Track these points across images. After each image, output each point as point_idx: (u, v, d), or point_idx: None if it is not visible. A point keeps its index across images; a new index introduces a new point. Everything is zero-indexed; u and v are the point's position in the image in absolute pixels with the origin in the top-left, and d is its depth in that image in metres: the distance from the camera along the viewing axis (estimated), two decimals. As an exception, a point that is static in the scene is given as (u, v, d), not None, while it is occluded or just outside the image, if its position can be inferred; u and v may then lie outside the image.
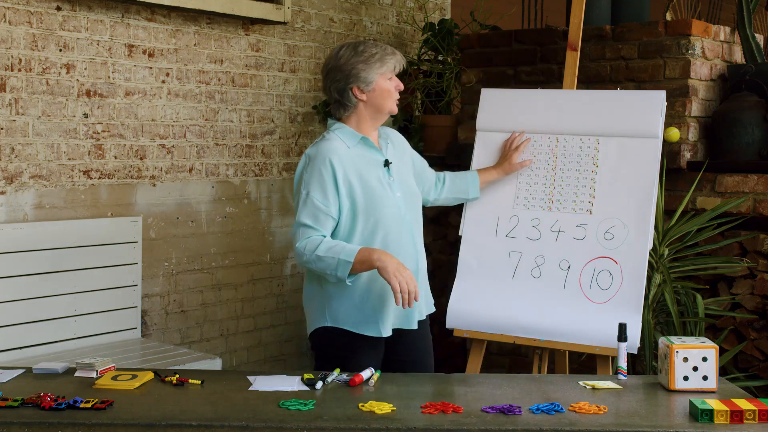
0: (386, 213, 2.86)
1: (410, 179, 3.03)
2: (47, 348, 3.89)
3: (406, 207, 2.94)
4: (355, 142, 2.89)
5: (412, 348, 2.98)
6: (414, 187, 3.04)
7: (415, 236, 2.96)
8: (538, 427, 2.15)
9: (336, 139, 2.88)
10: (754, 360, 3.89)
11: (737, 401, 2.26)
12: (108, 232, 4.11)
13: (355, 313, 2.84)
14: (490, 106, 3.67)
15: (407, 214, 2.93)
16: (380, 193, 2.86)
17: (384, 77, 2.88)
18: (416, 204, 3.02)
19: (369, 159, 2.90)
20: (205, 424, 2.14)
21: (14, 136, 3.83)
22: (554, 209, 3.45)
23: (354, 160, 2.86)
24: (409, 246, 2.92)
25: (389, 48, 2.93)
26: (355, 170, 2.84)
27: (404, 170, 3.02)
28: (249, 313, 4.85)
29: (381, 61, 2.87)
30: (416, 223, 2.99)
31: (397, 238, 2.88)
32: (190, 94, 4.47)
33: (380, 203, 2.85)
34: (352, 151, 2.87)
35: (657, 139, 3.38)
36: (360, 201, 2.82)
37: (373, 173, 2.88)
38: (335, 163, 2.81)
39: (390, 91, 2.90)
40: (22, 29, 3.83)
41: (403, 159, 3.04)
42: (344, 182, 2.82)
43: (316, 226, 2.79)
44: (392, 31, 5.56)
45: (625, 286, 3.26)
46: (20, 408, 2.25)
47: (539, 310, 3.33)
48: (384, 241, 2.85)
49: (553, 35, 4.48)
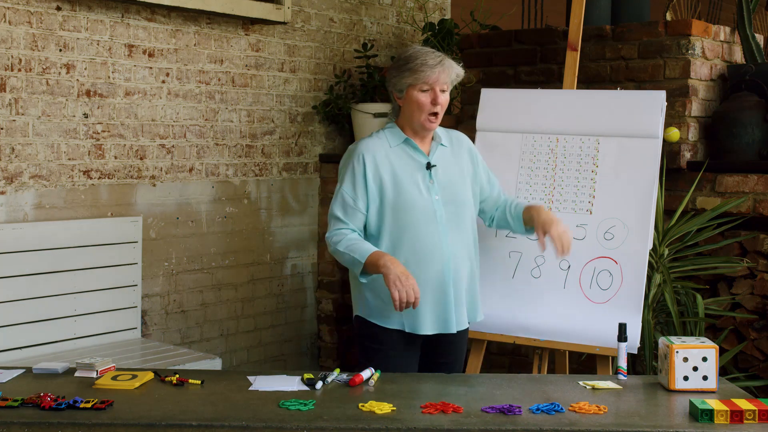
0: (416, 215, 2.83)
1: (461, 186, 2.95)
2: (47, 348, 3.89)
3: (446, 212, 2.88)
4: (399, 142, 2.89)
5: (448, 351, 2.97)
6: (463, 195, 2.94)
7: (451, 243, 2.87)
8: (538, 427, 2.15)
9: (380, 137, 2.91)
10: (754, 360, 3.89)
11: (737, 401, 2.26)
12: (108, 232, 4.11)
13: (383, 307, 2.86)
14: (490, 106, 3.67)
15: (444, 219, 2.87)
16: (412, 195, 2.84)
17: (415, 88, 2.82)
18: (460, 212, 2.92)
19: (410, 160, 2.88)
20: (205, 424, 2.14)
21: (14, 136, 3.83)
22: (554, 209, 3.45)
23: (392, 159, 2.86)
24: (438, 251, 2.85)
25: (435, 59, 2.82)
26: (390, 169, 2.85)
27: (455, 176, 2.95)
28: (249, 313, 4.85)
29: (413, 71, 2.82)
30: (457, 231, 2.90)
31: (426, 241, 2.84)
32: (190, 94, 4.47)
33: (411, 204, 2.83)
34: (393, 150, 2.88)
35: (657, 139, 3.38)
36: (389, 199, 2.84)
37: (411, 174, 2.86)
38: (368, 159, 2.85)
39: (419, 103, 2.82)
40: (22, 29, 3.83)
41: (459, 165, 2.97)
42: (375, 179, 2.84)
43: (345, 218, 2.86)
44: (392, 31, 5.56)
45: (625, 286, 3.26)
46: (20, 408, 2.25)
47: (539, 310, 3.33)
48: (411, 242, 2.83)
49: (553, 35, 4.48)
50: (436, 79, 2.81)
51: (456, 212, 2.90)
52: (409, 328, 2.86)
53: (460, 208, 2.92)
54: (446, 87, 2.85)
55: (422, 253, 2.83)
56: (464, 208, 2.94)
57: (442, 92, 2.83)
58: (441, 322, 2.89)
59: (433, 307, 2.86)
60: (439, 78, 2.81)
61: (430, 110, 2.83)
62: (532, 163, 3.54)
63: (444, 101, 2.84)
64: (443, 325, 2.89)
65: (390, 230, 2.85)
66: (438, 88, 2.82)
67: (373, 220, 2.86)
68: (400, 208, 2.83)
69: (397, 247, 2.84)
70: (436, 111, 2.83)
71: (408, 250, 2.84)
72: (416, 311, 2.83)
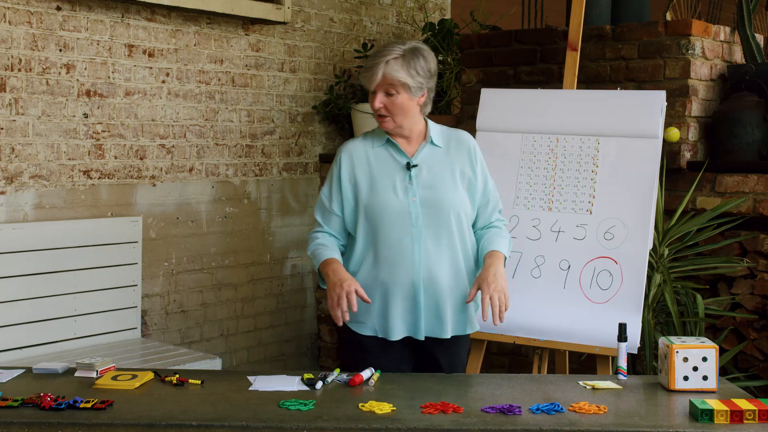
0: (389, 217, 2.76)
1: (446, 188, 2.79)
2: (47, 348, 3.89)
3: (423, 214, 2.76)
4: (381, 143, 2.84)
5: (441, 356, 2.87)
6: (447, 197, 2.78)
7: (426, 247, 2.75)
8: (538, 427, 2.15)
9: (366, 138, 2.88)
10: (754, 360, 3.89)
11: (737, 401, 2.26)
12: (108, 232, 4.11)
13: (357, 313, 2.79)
14: (490, 106, 3.67)
15: (422, 223, 2.75)
16: (386, 196, 2.77)
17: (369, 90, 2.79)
18: (442, 214, 2.77)
19: (390, 160, 2.81)
20: (205, 424, 2.14)
21: (14, 136, 3.83)
22: (554, 209, 3.45)
23: (372, 160, 2.82)
24: (409, 254, 2.75)
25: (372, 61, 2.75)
26: (367, 170, 2.81)
27: (441, 177, 2.81)
28: (249, 313, 4.85)
29: (361, 73, 2.81)
30: (436, 234, 2.76)
31: (397, 243, 2.75)
32: (190, 94, 4.47)
33: (383, 206, 2.76)
34: (375, 151, 2.83)
35: (657, 139, 3.38)
36: (363, 201, 2.79)
37: (389, 175, 2.79)
38: (344, 160, 2.83)
39: (370, 103, 2.79)
40: (22, 29, 3.83)
41: (451, 166, 2.83)
42: (350, 180, 2.81)
43: (322, 221, 2.87)
44: (392, 31, 5.56)
45: (625, 286, 3.26)
46: (20, 408, 2.25)
47: (539, 310, 3.33)
48: (384, 245, 2.76)
49: (553, 35, 4.48)
50: (371, 82, 2.74)
51: (436, 214, 2.77)
52: (381, 333, 2.80)
53: (441, 210, 2.77)
54: (392, 89, 2.73)
55: (392, 256, 2.75)
56: (446, 211, 2.78)
57: (388, 95, 2.73)
58: (410, 327, 2.79)
59: (402, 312, 2.77)
60: (371, 81, 2.73)
61: (376, 113, 2.77)
62: (532, 163, 3.54)
63: (387, 103, 2.73)
64: (412, 331, 2.79)
65: (364, 232, 2.80)
66: (379, 91, 2.74)
67: (350, 222, 2.83)
68: (373, 210, 2.77)
69: (370, 249, 2.79)
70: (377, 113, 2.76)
71: (379, 253, 2.77)
72: (387, 316, 2.77)
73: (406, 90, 2.75)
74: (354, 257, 2.82)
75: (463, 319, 2.85)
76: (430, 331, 2.81)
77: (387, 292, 2.77)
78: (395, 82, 2.73)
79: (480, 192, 2.88)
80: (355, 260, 2.82)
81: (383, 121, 2.78)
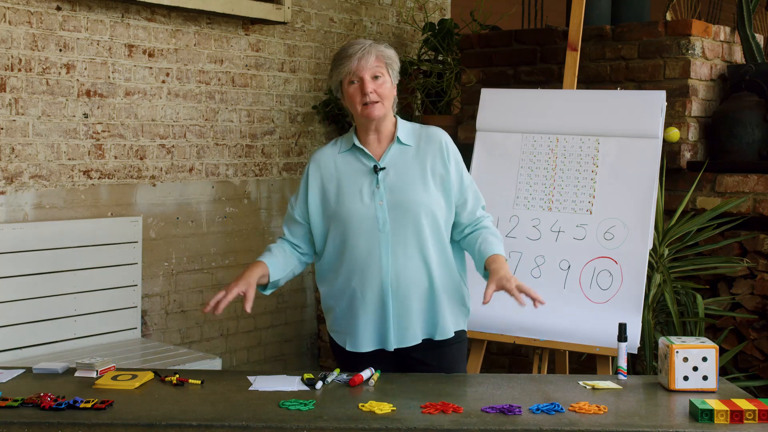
0: (355, 224, 2.68)
1: (415, 188, 2.70)
2: (47, 348, 3.89)
3: (391, 219, 2.67)
4: (347, 147, 2.77)
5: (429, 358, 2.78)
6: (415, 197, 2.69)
7: (395, 252, 2.66)
8: (538, 427, 2.15)
9: (335, 144, 2.81)
10: (754, 360, 3.89)
11: (737, 401, 2.26)
12: (108, 232, 4.11)
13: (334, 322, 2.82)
14: (490, 106, 3.67)
15: (389, 228, 2.67)
16: (352, 203, 2.69)
17: (345, 83, 2.69)
18: (411, 216, 2.68)
19: (357, 165, 2.74)
20: (205, 424, 2.14)
21: (14, 136, 3.83)
22: (554, 209, 3.45)
23: (339, 166, 2.75)
24: (376, 261, 2.67)
25: (354, 48, 2.68)
26: (335, 178, 2.74)
27: (410, 177, 2.71)
28: (249, 313, 4.85)
29: (337, 66, 2.69)
30: (405, 238, 2.67)
31: (364, 251, 2.67)
32: (190, 94, 4.47)
33: (349, 213, 2.69)
34: (342, 156, 2.76)
35: (657, 139, 3.38)
36: (331, 208, 2.72)
37: (356, 181, 2.72)
38: (312, 169, 2.78)
39: (350, 96, 2.68)
40: (22, 29, 3.83)
41: (421, 164, 2.73)
42: (318, 188, 2.75)
43: (286, 228, 2.84)
44: (392, 31, 5.56)
45: (625, 286, 3.26)
46: (20, 408, 2.25)
47: (539, 310, 3.32)
48: (351, 253, 2.69)
49: (553, 35, 4.48)
50: (358, 67, 2.64)
51: (404, 217, 2.67)
52: (349, 346, 2.74)
53: (409, 212, 2.67)
54: (379, 72, 2.66)
55: (360, 265, 2.68)
56: (415, 213, 2.67)
57: (375, 78, 2.66)
58: (379, 338, 2.72)
59: (371, 322, 2.70)
60: (360, 65, 2.64)
61: (362, 101, 2.66)
62: (532, 163, 3.54)
63: (376, 87, 2.65)
64: (381, 342, 2.71)
65: (333, 241, 2.72)
66: (366, 75, 2.65)
67: (319, 232, 2.76)
68: (340, 218, 2.70)
69: (338, 259, 2.71)
70: (367, 101, 2.65)
71: (347, 263, 2.70)
72: (355, 327, 2.71)
73: (389, 74, 2.71)
74: (325, 266, 2.77)
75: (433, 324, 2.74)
76: (401, 340, 2.71)
77: (356, 302, 2.71)
78: (388, 61, 2.69)
79: (456, 189, 2.76)
80: (327, 269, 2.77)
81: (374, 107, 2.66)
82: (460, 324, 2.82)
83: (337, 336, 2.80)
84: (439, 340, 2.76)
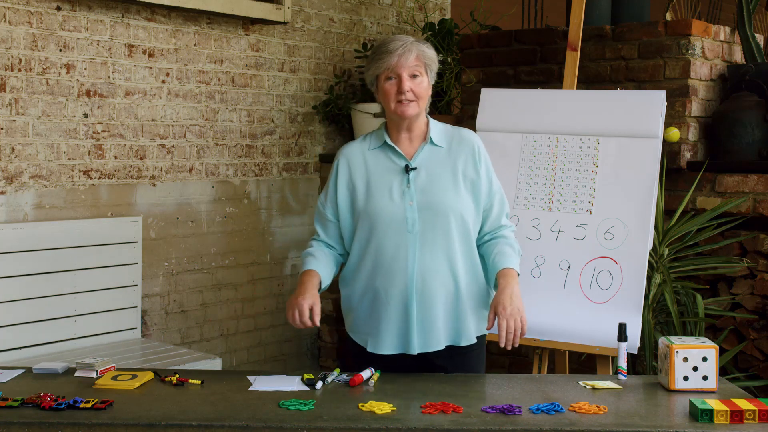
0: (384, 223, 2.64)
1: (447, 191, 2.67)
2: (47, 348, 3.89)
3: (421, 220, 2.63)
4: (378, 144, 2.72)
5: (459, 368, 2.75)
6: (446, 200, 2.65)
7: (422, 254, 2.63)
8: (538, 427, 2.15)
9: (364, 140, 2.77)
10: (754, 360, 3.89)
11: (737, 401, 2.26)
12: (108, 232, 4.11)
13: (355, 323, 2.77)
14: (490, 106, 3.67)
15: (419, 228, 2.63)
16: (381, 201, 2.65)
17: (381, 78, 2.65)
18: (440, 219, 2.64)
19: (388, 163, 2.70)
20: (205, 424, 2.14)
21: (14, 136, 3.83)
22: (554, 209, 3.45)
23: (369, 163, 2.71)
24: (403, 262, 2.63)
25: (396, 44, 2.63)
26: (364, 174, 2.70)
27: (441, 179, 2.68)
28: (249, 313, 4.85)
29: (375, 61, 2.65)
30: (433, 240, 2.64)
31: (391, 251, 2.64)
32: (190, 94, 4.47)
33: (378, 211, 2.65)
34: (372, 153, 2.72)
35: (657, 139, 3.38)
36: (359, 207, 2.68)
37: (386, 179, 2.68)
38: (341, 166, 2.74)
39: (385, 92, 2.64)
40: (22, 29, 3.83)
41: (452, 167, 2.70)
42: (347, 186, 2.71)
43: (318, 228, 2.78)
44: (392, 31, 5.56)
45: (625, 286, 3.26)
46: (20, 408, 2.25)
47: (539, 310, 3.33)
48: (376, 253, 2.65)
49: (553, 35, 4.48)
50: (397, 64, 2.60)
51: (434, 219, 2.63)
52: (370, 347, 2.70)
53: (439, 214, 2.64)
54: (418, 71, 2.63)
55: (386, 265, 2.64)
56: (446, 215, 2.64)
57: (413, 77, 2.62)
58: (401, 341, 2.67)
59: (393, 324, 2.66)
60: (399, 62, 2.60)
61: (397, 98, 2.62)
62: (532, 163, 3.54)
63: (414, 86, 2.62)
64: (403, 345, 2.67)
65: (359, 240, 2.69)
66: (404, 73, 2.61)
67: (347, 229, 2.73)
68: (368, 216, 2.65)
69: (363, 258, 2.68)
70: (402, 98, 2.62)
71: (372, 262, 2.66)
72: (377, 329, 2.67)
73: (427, 74, 2.67)
74: (350, 265, 2.74)
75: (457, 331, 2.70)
76: (424, 345, 2.67)
77: (379, 303, 2.67)
78: (428, 61, 2.66)
79: (485, 194, 2.73)
80: (351, 268, 2.74)
81: (408, 106, 2.63)
82: (482, 329, 2.77)
83: (358, 337, 2.75)
84: (462, 347, 2.71)
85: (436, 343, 2.67)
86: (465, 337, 2.71)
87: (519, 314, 2.57)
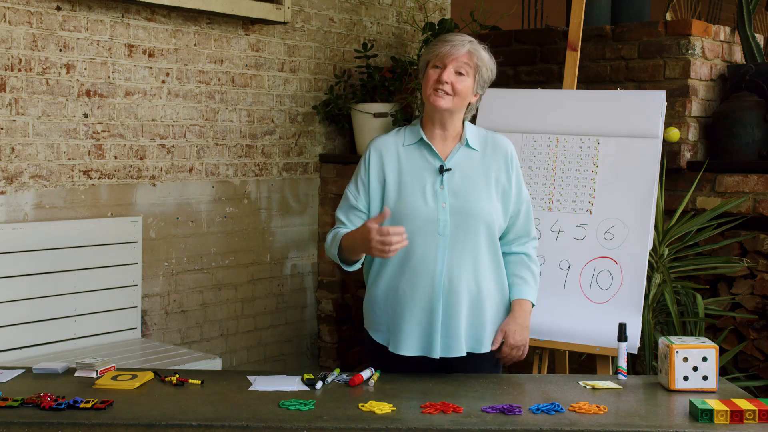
0: (415, 223, 2.59)
1: (479, 196, 2.65)
2: (47, 348, 3.89)
3: (452, 223, 2.61)
4: (413, 141, 2.70)
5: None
6: (478, 205, 2.64)
7: (451, 258, 2.61)
8: (538, 427, 2.15)
9: (398, 134, 2.73)
10: (754, 360, 3.89)
11: (737, 401, 2.26)
12: (108, 232, 4.11)
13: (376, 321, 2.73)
14: (491, 106, 3.67)
15: (449, 231, 2.60)
16: (414, 200, 2.62)
17: (429, 65, 2.64)
18: (471, 224, 2.63)
19: (421, 161, 2.67)
20: (205, 424, 2.14)
21: (14, 136, 3.83)
22: (554, 209, 3.45)
23: (402, 159, 2.68)
24: (432, 264, 2.61)
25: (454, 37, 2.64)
26: (396, 170, 2.67)
27: (475, 184, 2.66)
28: (249, 313, 4.85)
29: (432, 46, 2.64)
30: (463, 245, 2.62)
31: (420, 252, 2.61)
32: (190, 94, 4.47)
33: (409, 210, 2.61)
34: (406, 149, 2.69)
35: (657, 139, 3.38)
36: (390, 202, 2.64)
37: (419, 177, 2.65)
38: (373, 157, 2.70)
39: (427, 78, 2.63)
40: (22, 29, 3.83)
41: (486, 172, 2.68)
42: (378, 178, 2.68)
43: (344, 220, 2.71)
44: (392, 31, 5.56)
45: (625, 286, 3.26)
46: (20, 408, 2.25)
47: (539, 310, 3.32)
48: (404, 252, 2.58)
49: (553, 35, 4.48)
50: (447, 53, 2.60)
51: (466, 223, 2.62)
52: (392, 347, 2.68)
53: (471, 219, 2.62)
54: (465, 69, 2.62)
55: (412, 265, 2.61)
56: (477, 221, 2.63)
57: (458, 74, 2.61)
58: (423, 344, 2.65)
59: (416, 326, 2.64)
60: (449, 52, 2.60)
61: (434, 87, 2.61)
62: (532, 163, 3.54)
63: (455, 81, 2.60)
64: (426, 348, 2.65)
65: None
66: (450, 65, 2.60)
67: None
68: (399, 214, 2.61)
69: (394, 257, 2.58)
70: (438, 87, 2.60)
71: (399, 260, 2.62)
72: (400, 329, 2.64)
73: (474, 77, 2.66)
74: (375, 263, 2.70)
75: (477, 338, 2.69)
76: (446, 349, 2.65)
77: (404, 303, 2.64)
78: (477, 63, 2.64)
79: (513, 201, 2.73)
80: (376, 265, 2.70)
81: (443, 97, 2.61)
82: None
83: (379, 336, 2.73)
84: (481, 354, 2.71)
85: (458, 349, 2.66)
86: (485, 345, 2.71)
87: (523, 345, 2.72)
